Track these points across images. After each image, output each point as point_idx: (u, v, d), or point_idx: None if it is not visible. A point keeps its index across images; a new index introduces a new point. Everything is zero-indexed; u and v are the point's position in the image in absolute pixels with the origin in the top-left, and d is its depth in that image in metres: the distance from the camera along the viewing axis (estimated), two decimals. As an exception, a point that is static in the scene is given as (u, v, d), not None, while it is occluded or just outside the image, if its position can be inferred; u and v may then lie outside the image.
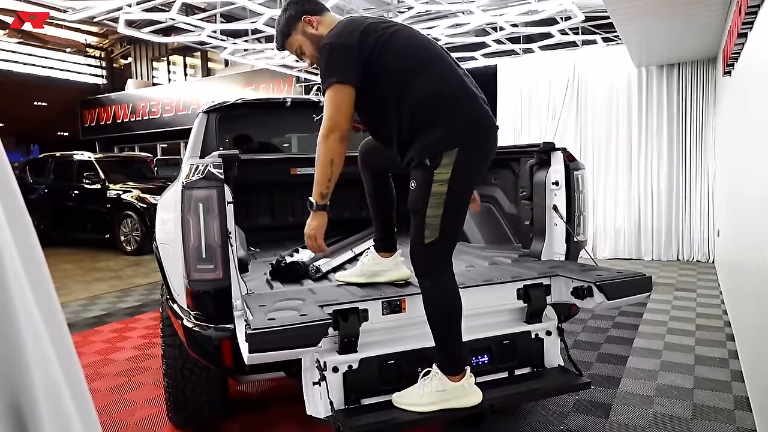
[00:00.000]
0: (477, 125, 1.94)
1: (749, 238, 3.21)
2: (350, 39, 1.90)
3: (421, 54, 1.95)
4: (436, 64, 1.95)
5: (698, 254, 7.25)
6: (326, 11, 2.13)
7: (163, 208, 2.73)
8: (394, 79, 1.91)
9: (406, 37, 1.98)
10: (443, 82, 1.92)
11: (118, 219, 9.31)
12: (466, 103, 1.94)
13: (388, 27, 1.98)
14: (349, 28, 1.94)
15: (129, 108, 15.97)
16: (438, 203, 1.87)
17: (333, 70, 1.89)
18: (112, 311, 5.56)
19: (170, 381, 2.66)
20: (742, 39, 3.54)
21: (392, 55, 1.92)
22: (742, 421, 2.84)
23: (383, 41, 1.91)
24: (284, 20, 2.11)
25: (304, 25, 2.07)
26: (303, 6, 2.09)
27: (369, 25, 1.95)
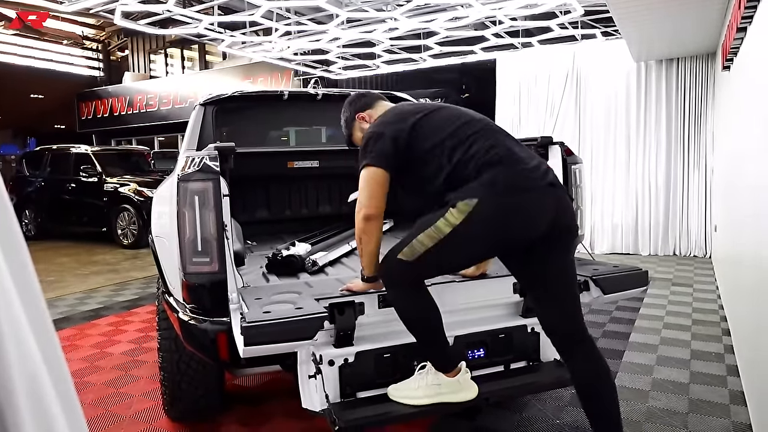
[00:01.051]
0: (510, 183, 1.79)
1: (746, 233, 3.21)
2: (387, 127, 1.98)
3: (459, 126, 1.94)
4: (475, 133, 1.91)
5: (695, 249, 7.27)
6: (378, 102, 2.24)
7: (159, 200, 2.72)
8: (432, 156, 1.91)
9: (444, 114, 2.00)
10: (481, 149, 1.86)
11: (115, 212, 9.29)
12: (506, 164, 1.83)
13: (427, 109, 2.02)
14: (388, 116, 2.04)
15: (126, 101, 15.89)
16: (432, 237, 1.82)
17: (366, 154, 1.97)
18: (109, 305, 5.55)
19: (166, 374, 2.65)
20: (742, 33, 3.53)
21: (427, 134, 1.94)
22: (737, 415, 2.85)
23: (420, 122, 1.96)
24: (344, 122, 2.28)
25: (359, 122, 2.21)
26: (355, 105, 2.24)
27: (408, 112, 2.02)
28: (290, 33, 8.25)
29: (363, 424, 1.92)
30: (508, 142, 1.92)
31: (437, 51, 9.07)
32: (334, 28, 7.56)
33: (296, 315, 1.84)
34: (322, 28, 7.75)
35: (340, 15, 7.00)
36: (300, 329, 1.82)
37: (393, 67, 10.37)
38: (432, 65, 10.07)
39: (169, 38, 16.80)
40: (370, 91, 2.31)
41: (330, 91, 4.11)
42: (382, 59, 9.82)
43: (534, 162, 1.90)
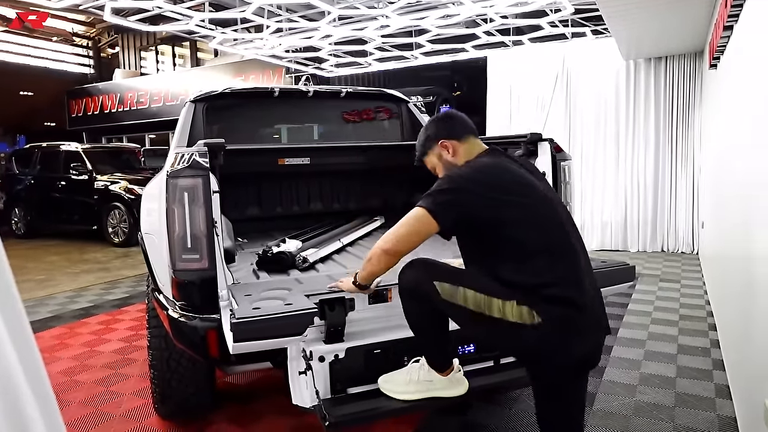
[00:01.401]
0: (574, 329, 1.65)
1: (732, 230, 3.25)
2: (475, 187, 1.73)
3: (553, 237, 1.72)
4: (566, 252, 1.72)
5: (683, 246, 7.33)
6: (469, 137, 1.96)
7: (148, 197, 2.72)
8: (511, 250, 1.70)
9: (542, 211, 1.75)
10: (566, 280, 1.67)
11: (105, 210, 9.24)
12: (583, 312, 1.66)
13: (525, 191, 1.75)
14: (480, 177, 1.76)
15: (117, 98, 15.78)
16: (478, 305, 1.67)
17: (435, 197, 1.73)
18: (99, 303, 5.53)
19: (156, 372, 2.65)
20: (728, 32, 3.57)
21: (516, 227, 1.69)
22: (722, 408, 2.89)
23: (515, 208, 1.71)
24: (423, 138, 2.03)
25: (440, 149, 1.97)
26: (444, 129, 1.98)
27: (505, 184, 1.75)
28: (282, 30, 8.23)
29: (353, 419, 1.93)
30: (586, 272, 1.74)
31: (429, 49, 9.09)
32: (325, 25, 7.55)
33: (286, 311, 1.85)
34: (313, 26, 7.74)
35: (332, 12, 7.00)
36: (290, 325, 1.83)
37: (385, 64, 10.37)
38: (423, 63, 10.08)
39: (160, 35, 16.70)
40: (464, 120, 2.00)
41: (321, 88, 4.11)
42: (373, 57, 9.82)
43: (598, 300, 1.76)
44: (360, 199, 4.29)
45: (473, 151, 1.94)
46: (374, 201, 4.33)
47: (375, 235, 3.64)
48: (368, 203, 4.31)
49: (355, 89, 4.22)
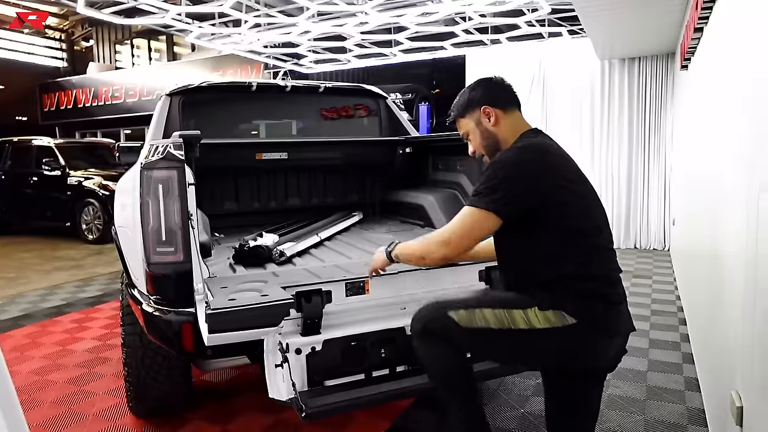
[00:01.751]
0: (608, 326, 1.59)
1: (702, 227, 3.33)
2: (530, 173, 1.60)
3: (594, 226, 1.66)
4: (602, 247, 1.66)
5: (655, 243, 7.49)
6: (513, 110, 1.82)
7: (122, 191, 2.67)
8: (550, 236, 1.60)
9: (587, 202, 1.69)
10: (602, 274, 1.62)
11: (79, 207, 9.06)
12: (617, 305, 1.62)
13: (578, 183, 1.69)
14: (537, 162, 1.64)
15: (91, 92, 15.48)
16: (500, 321, 1.56)
17: (493, 191, 1.57)
18: (73, 301, 5.43)
19: (130, 370, 2.61)
20: (698, 34, 3.65)
21: (561, 211, 1.60)
22: (691, 401, 2.97)
23: (563, 190, 1.62)
24: (465, 99, 1.86)
25: (481, 115, 1.81)
26: (489, 94, 1.81)
27: (561, 167, 1.67)
28: (260, 25, 8.16)
29: (330, 410, 1.94)
30: (617, 264, 1.71)
31: (408, 46, 9.10)
32: (304, 21, 7.51)
33: (262, 302, 1.84)
34: (292, 21, 7.69)
35: (311, 8, 6.97)
36: (265, 316, 1.82)
37: (364, 61, 10.36)
38: (403, 60, 10.10)
39: (135, 28, 16.42)
40: (513, 90, 1.86)
41: (299, 83, 4.09)
42: (353, 53, 9.80)
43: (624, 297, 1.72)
44: (338, 195, 4.29)
45: (517, 127, 1.79)
46: (352, 196, 4.33)
47: (353, 231, 3.64)
48: (346, 199, 4.31)
49: (333, 85, 4.21)
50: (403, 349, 2.19)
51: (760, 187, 1.61)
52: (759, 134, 1.64)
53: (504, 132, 1.79)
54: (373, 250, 2.85)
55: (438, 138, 3.97)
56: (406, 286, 2.32)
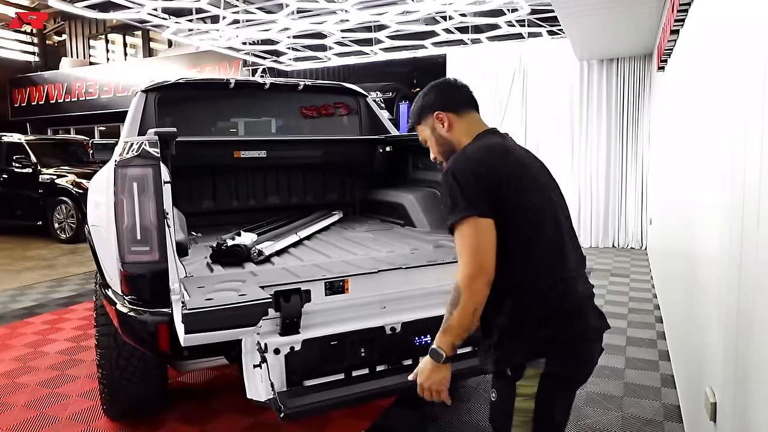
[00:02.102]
0: (580, 337, 1.52)
1: (677, 226, 3.39)
2: (488, 172, 1.52)
3: (546, 220, 1.56)
4: (555, 241, 1.55)
5: (632, 242, 7.60)
6: (469, 111, 1.73)
7: (96, 189, 2.61)
8: (507, 243, 1.49)
9: (533, 189, 1.58)
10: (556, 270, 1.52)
11: (51, 205, 8.85)
12: (573, 303, 1.53)
13: (518, 170, 1.58)
14: (490, 161, 1.55)
15: (64, 88, 15.11)
16: (525, 423, 1.49)
17: (468, 200, 1.48)
18: (44, 302, 5.30)
19: (105, 372, 2.56)
20: (675, 36, 3.70)
21: (520, 212, 1.52)
22: (667, 397, 3.01)
23: (518, 186, 1.53)
24: (418, 106, 1.77)
25: (434, 121, 1.71)
26: (441, 99, 1.72)
27: (504, 163, 1.57)
28: (238, 21, 8.07)
29: (309, 410, 1.92)
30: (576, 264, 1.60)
31: (388, 45, 9.09)
32: (284, 18, 7.44)
33: (239, 301, 1.81)
34: (271, 18, 7.61)
35: (290, 5, 6.91)
36: (243, 315, 1.79)
37: (344, 59, 10.32)
38: (383, 59, 10.08)
39: (110, 23, 16.10)
40: (468, 91, 1.77)
41: (279, 81, 4.05)
42: (333, 51, 9.76)
43: (589, 284, 1.65)
44: (318, 194, 4.26)
45: (472, 129, 1.70)
46: (332, 195, 4.31)
47: (333, 230, 3.61)
48: (326, 198, 4.28)
49: (313, 83, 4.17)
50: (382, 348, 2.18)
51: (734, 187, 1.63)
52: (733, 135, 1.67)
53: (459, 136, 1.70)
54: (353, 250, 2.84)
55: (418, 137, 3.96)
56: (386, 285, 2.31)
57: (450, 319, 1.47)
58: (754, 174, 1.41)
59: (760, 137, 1.35)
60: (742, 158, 1.56)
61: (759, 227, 1.34)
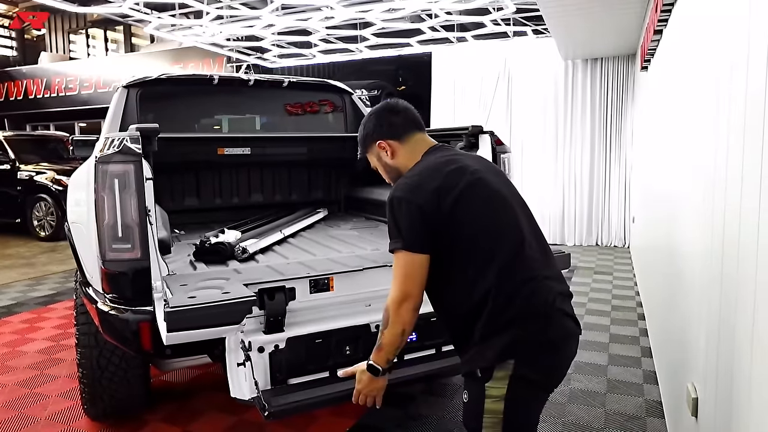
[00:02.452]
0: (547, 339, 1.51)
1: (660, 224, 3.43)
2: (424, 199, 1.52)
3: (499, 228, 1.55)
4: (512, 246, 1.54)
5: (615, 240, 7.69)
6: (411, 133, 1.72)
7: (76, 186, 2.56)
8: (457, 259, 1.54)
9: (483, 198, 1.57)
10: (517, 273, 1.51)
11: (30, 202, 8.70)
12: (543, 303, 1.52)
13: (464, 182, 1.56)
14: (426, 185, 1.55)
15: (43, 83, 14.84)
16: (495, 424, 1.50)
17: (401, 232, 1.53)
18: (23, 300, 5.20)
19: (85, 371, 2.53)
20: (658, 36, 3.74)
21: (465, 228, 1.53)
22: (649, 393, 3.05)
23: (460, 203, 1.53)
24: (362, 135, 1.78)
25: (378, 150, 1.73)
26: (380, 127, 1.72)
27: (447, 179, 1.55)
28: (222, 17, 7.98)
29: (294, 408, 1.90)
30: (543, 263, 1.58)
31: (374, 42, 9.06)
32: (268, 14, 7.38)
33: (223, 299, 1.79)
34: (255, 14, 7.54)
35: (275, 1, 6.85)
36: (227, 313, 1.77)
37: (329, 56, 10.27)
38: (368, 56, 10.05)
39: (90, 17, 15.85)
40: (407, 114, 1.74)
41: (263, 77, 4.01)
42: (318, 48, 9.69)
43: (564, 284, 1.63)
44: (303, 191, 4.23)
45: (417, 150, 1.70)
46: (317, 193, 4.28)
47: (318, 227, 3.59)
48: (311, 195, 4.26)
49: (298, 80, 4.14)
50: (368, 346, 2.16)
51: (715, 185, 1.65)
52: (716, 132, 1.68)
53: (403, 161, 1.71)
54: (338, 248, 2.82)
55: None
56: (371, 283, 2.30)
57: (382, 338, 1.58)
58: (735, 171, 1.42)
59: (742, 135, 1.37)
60: (724, 156, 1.57)
61: (740, 224, 1.36)
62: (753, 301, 1.24)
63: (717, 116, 1.70)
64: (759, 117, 1.21)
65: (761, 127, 1.19)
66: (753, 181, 1.25)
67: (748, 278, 1.27)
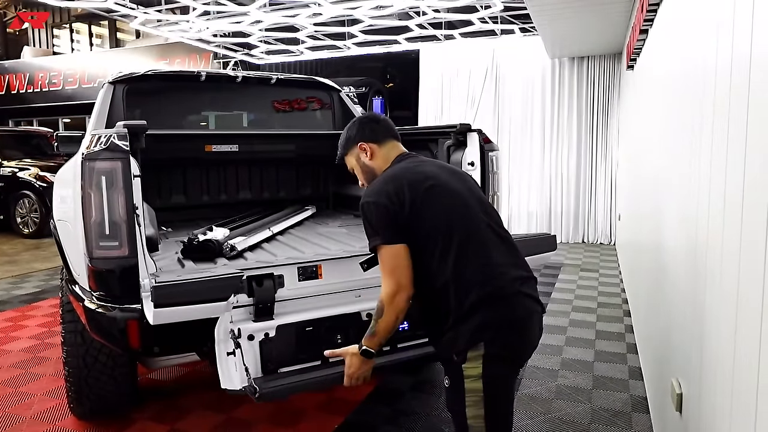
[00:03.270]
0: (510, 320, 1.65)
1: (645, 222, 3.47)
2: (389, 201, 1.71)
3: (450, 229, 1.70)
4: (468, 237, 1.69)
5: (601, 237, 7.76)
6: (389, 141, 1.96)
7: (61, 183, 2.53)
8: (421, 256, 1.70)
9: (440, 197, 1.74)
10: (474, 262, 1.66)
11: (13, 199, 8.58)
12: (507, 286, 1.67)
13: (424, 187, 1.74)
14: (389, 188, 1.74)
15: (26, 78, 14.61)
16: (477, 403, 1.62)
17: (377, 230, 1.72)
18: (7, 299, 5.13)
19: (71, 369, 2.50)
20: (644, 35, 3.78)
21: (425, 224, 1.70)
22: (635, 389, 3.09)
23: (418, 204, 1.71)
24: (345, 139, 2.01)
25: (359, 151, 1.96)
26: (363, 131, 1.96)
27: (405, 186, 1.73)
28: (209, 13, 7.92)
29: (285, 389, 1.90)
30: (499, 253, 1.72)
31: (362, 39, 9.05)
32: (255, 10, 7.33)
33: (211, 275, 1.79)
34: (243, 10, 7.49)
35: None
36: (216, 288, 1.77)
37: (317, 53, 10.24)
38: (356, 53, 10.03)
39: (74, 12, 15.63)
40: (387, 123, 2.00)
41: (251, 74, 3.99)
42: (305, 45, 9.66)
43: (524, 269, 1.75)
44: (291, 188, 4.22)
45: (390, 155, 1.94)
46: (305, 190, 4.27)
47: (306, 224, 3.59)
48: (299, 192, 4.24)
49: (286, 76, 4.12)
50: (359, 334, 2.17)
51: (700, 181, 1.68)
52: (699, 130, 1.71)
53: (379, 163, 1.94)
54: (327, 245, 2.82)
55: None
56: (360, 273, 2.30)
57: (376, 326, 1.72)
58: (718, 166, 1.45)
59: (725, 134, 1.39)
60: (708, 152, 1.60)
61: (724, 219, 1.38)
62: (736, 296, 1.26)
63: (700, 115, 1.72)
64: (742, 116, 1.23)
65: (744, 125, 1.21)
66: (736, 176, 1.27)
67: (731, 274, 1.30)
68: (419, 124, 8.61)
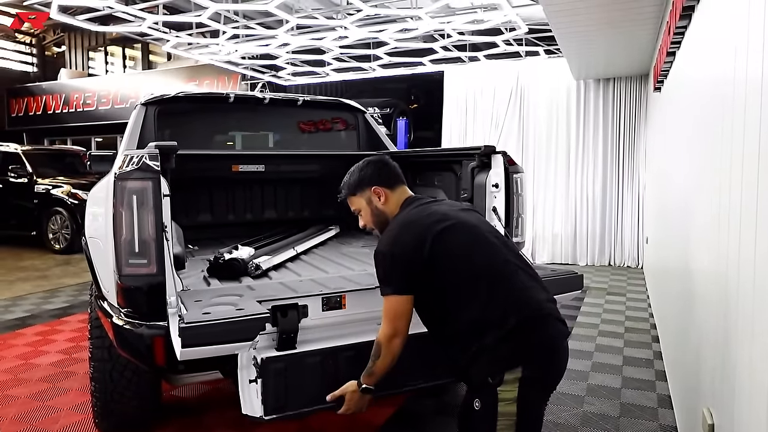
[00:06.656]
0: (545, 342, 1.69)
1: (673, 245, 3.40)
2: (404, 250, 1.77)
3: (475, 263, 1.75)
4: (493, 266, 1.75)
5: (629, 260, 7.61)
6: (398, 184, 2.00)
7: (94, 201, 2.61)
8: (449, 292, 1.74)
9: (461, 235, 1.80)
10: (499, 297, 1.69)
11: (46, 215, 8.83)
12: (536, 309, 1.70)
13: (442, 228, 1.78)
14: (406, 237, 1.79)
15: (62, 99, 15.14)
16: (509, 426, 1.63)
17: (389, 280, 1.80)
18: (37, 313, 5.25)
19: (98, 385, 2.54)
20: (671, 58, 3.75)
21: (444, 266, 1.75)
22: (664, 418, 3.00)
23: (439, 245, 1.75)
24: (356, 179, 2.01)
25: (371, 194, 1.98)
26: (378, 175, 1.98)
27: (423, 231, 1.77)
28: (238, 36, 8.12)
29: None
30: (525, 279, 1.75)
31: (386, 61, 9.16)
32: (283, 33, 7.50)
33: (237, 316, 1.80)
34: (271, 33, 7.67)
35: (290, 21, 6.96)
36: (240, 330, 1.79)
37: (342, 75, 10.38)
38: (381, 75, 10.15)
39: (110, 36, 16.18)
40: (396, 168, 2.03)
41: (277, 96, 4.07)
42: (331, 67, 9.81)
43: (547, 292, 1.79)
44: (315, 208, 4.25)
45: (400, 200, 1.98)
46: (329, 210, 4.30)
47: (330, 244, 3.61)
48: (323, 212, 4.28)
49: (312, 98, 4.19)
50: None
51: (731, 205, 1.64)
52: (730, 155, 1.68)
53: (391, 207, 1.97)
54: (350, 265, 2.83)
55: (416, 153, 3.98)
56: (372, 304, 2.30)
57: (374, 366, 1.84)
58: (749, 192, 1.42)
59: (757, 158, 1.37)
60: (738, 176, 1.57)
61: (756, 245, 1.35)
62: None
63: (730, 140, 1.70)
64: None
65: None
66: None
67: (764, 302, 1.26)
68: (442, 145, 8.63)
